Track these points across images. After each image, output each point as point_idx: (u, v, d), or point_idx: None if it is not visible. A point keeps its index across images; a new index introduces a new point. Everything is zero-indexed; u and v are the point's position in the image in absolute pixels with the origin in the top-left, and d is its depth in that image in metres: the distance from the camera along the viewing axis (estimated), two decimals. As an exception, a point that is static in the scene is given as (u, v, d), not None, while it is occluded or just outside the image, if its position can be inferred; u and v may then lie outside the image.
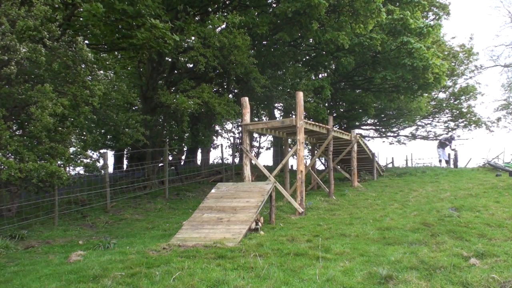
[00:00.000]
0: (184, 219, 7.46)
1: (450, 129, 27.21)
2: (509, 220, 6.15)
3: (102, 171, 10.45)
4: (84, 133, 9.38)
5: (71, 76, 7.70)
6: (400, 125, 27.72)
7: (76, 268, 4.44)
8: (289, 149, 11.06)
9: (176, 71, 14.51)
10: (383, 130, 29.18)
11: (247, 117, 9.44)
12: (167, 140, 16.27)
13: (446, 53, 23.93)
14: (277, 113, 24.75)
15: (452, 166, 18.61)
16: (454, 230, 5.58)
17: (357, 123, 26.28)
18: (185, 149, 19.83)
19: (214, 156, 37.41)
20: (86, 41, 9.25)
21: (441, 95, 27.06)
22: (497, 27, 60.74)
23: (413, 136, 28.94)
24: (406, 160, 25.91)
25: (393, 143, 29.85)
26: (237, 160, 18.79)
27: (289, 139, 11.95)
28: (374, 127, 29.20)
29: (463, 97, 26.07)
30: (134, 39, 9.00)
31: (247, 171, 9.21)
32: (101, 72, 9.37)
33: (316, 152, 12.98)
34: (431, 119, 27.98)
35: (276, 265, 4.38)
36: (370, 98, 20.31)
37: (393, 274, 3.86)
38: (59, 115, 7.26)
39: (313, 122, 10.27)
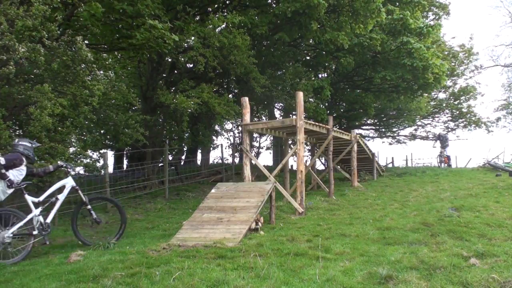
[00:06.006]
0: (184, 219, 7.45)
1: (450, 129, 27.25)
2: (509, 220, 6.15)
3: (102, 171, 10.43)
4: (84, 133, 9.38)
5: (70, 76, 7.70)
6: (400, 125, 27.74)
7: (76, 268, 4.44)
8: (289, 149, 11.06)
9: (176, 71, 14.52)
10: (383, 130, 29.19)
11: (247, 117, 9.43)
12: (167, 140, 16.27)
13: (446, 53, 23.94)
14: (277, 113, 24.75)
15: (443, 165, 18.37)
16: (454, 230, 5.58)
17: (357, 123, 26.30)
18: (185, 149, 19.84)
19: (214, 156, 37.38)
20: (86, 41, 9.25)
21: (441, 95, 27.10)
22: (497, 27, 60.89)
23: (413, 136, 28.97)
24: (406, 160, 25.97)
25: (393, 143, 29.89)
26: (237, 160, 18.80)
27: (289, 139, 11.95)
28: (374, 127, 29.22)
29: (463, 97, 26.09)
30: (133, 39, 9.00)
31: (247, 171, 9.20)
32: (101, 72, 9.37)
33: (316, 152, 12.98)
34: (431, 119, 28.01)
35: (276, 265, 4.37)
36: (370, 98, 20.31)
37: (393, 274, 3.86)
38: (59, 115, 7.26)
39: (313, 122, 10.27)
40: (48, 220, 5.98)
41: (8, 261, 5.29)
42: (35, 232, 5.71)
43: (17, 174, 5.74)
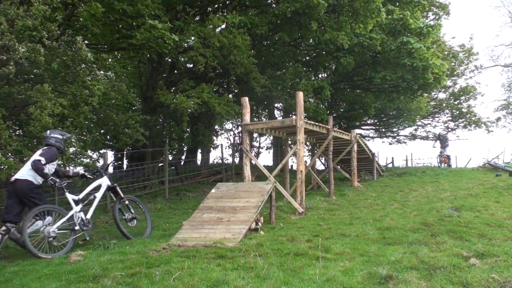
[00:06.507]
0: (184, 219, 7.45)
1: (450, 129, 27.27)
2: (509, 220, 6.15)
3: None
4: (84, 133, 9.37)
5: (70, 76, 7.70)
6: (400, 125, 27.75)
7: (76, 268, 4.44)
8: (289, 149, 11.06)
9: (175, 71, 14.53)
10: (383, 130, 29.20)
11: (247, 117, 9.43)
12: (167, 140, 16.28)
13: (446, 53, 23.95)
14: (277, 113, 24.79)
15: (443, 165, 18.35)
16: (454, 230, 5.58)
17: (357, 123, 26.32)
18: (185, 149, 19.85)
19: (214, 156, 37.46)
20: (86, 41, 9.25)
21: (441, 95, 27.10)
22: (497, 27, 60.96)
23: (413, 136, 28.98)
24: (406, 160, 25.97)
25: (393, 143, 29.91)
26: (237, 160, 18.80)
27: (289, 139, 11.96)
28: (374, 127, 29.23)
29: (463, 97, 26.09)
30: (133, 39, 9.00)
31: (247, 171, 9.20)
32: (101, 72, 9.37)
33: (316, 152, 12.98)
34: (431, 119, 28.02)
35: (276, 265, 4.37)
36: (370, 98, 20.31)
37: (393, 274, 3.86)
38: (59, 115, 7.27)
39: (313, 122, 10.26)
40: (88, 216, 6.36)
41: (55, 254, 5.59)
42: (77, 228, 6.09)
43: (51, 168, 6.13)
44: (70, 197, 6.22)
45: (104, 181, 6.77)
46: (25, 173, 5.89)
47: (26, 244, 5.42)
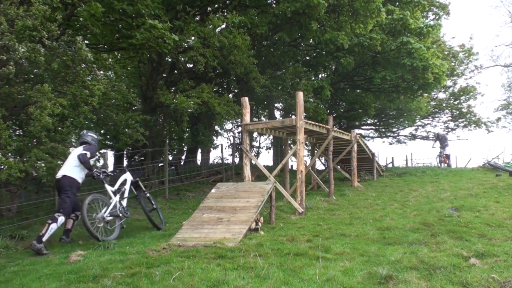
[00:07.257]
0: (184, 219, 7.46)
1: (450, 129, 27.27)
2: (509, 220, 6.15)
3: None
4: (84, 133, 9.36)
5: (70, 76, 7.69)
6: (400, 125, 27.76)
7: (76, 268, 4.44)
8: (289, 149, 11.06)
9: (176, 71, 14.53)
10: (383, 130, 29.21)
11: (247, 117, 9.43)
12: (167, 140, 16.27)
13: (446, 53, 23.96)
14: (277, 113, 24.79)
15: (443, 165, 18.34)
16: (454, 230, 5.58)
17: (357, 123, 26.31)
18: (185, 149, 19.85)
19: (214, 156, 37.49)
20: (86, 41, 9.24)
21: (441, 95, 27.11)
22: (497, 27, 60.98)
23: (413, 136, 28.98)
24: (406, 160, 25.96)
25: (393, 143, 29.91)
26: (237, 160, 18.80)
27: (289, 139, 11.96)
28: (374, 127, 29.24)
29: (463, 97, 26.10)
30: (133, 39, 9.00)
31: (247, 171, 9.20)
32: (101, 72, 9.37)
33: (316, 152, 12.98)
34: (431, 119, 28.02)
35: (276, 265, 4.37)
36: (370, 98, 20.31)
37: (393, 274, 3.86)
38: (59, 115, 7.27)
39: (313, 122, 10.26)
40: (124, 205, 6.93)
41: (109, 238, 6.21)
42: (120, 215, 6.69)
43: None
44: (109, 188, 6.73)
45: (128, 177, 7.30)
46: (71, 169, 6.28)
47: (87, 227, 5.96)
